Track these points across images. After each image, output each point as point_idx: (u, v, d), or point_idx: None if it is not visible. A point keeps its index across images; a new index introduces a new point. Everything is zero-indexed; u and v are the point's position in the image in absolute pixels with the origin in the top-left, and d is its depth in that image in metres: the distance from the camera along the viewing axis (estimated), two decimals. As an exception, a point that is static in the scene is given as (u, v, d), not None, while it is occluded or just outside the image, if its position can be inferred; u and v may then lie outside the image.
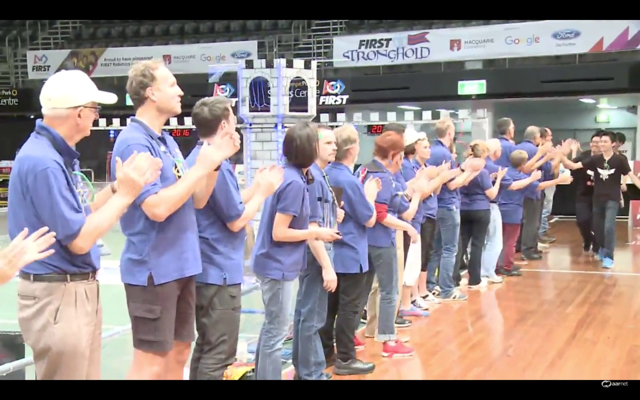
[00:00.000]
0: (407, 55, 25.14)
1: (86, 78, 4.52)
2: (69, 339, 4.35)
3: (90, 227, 4.29)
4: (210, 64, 19.99)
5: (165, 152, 5.03)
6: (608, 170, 13.47)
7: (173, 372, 5.48)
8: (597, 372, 7.62)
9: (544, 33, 23.51)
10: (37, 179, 4.22)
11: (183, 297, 5.26)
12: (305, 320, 6.94)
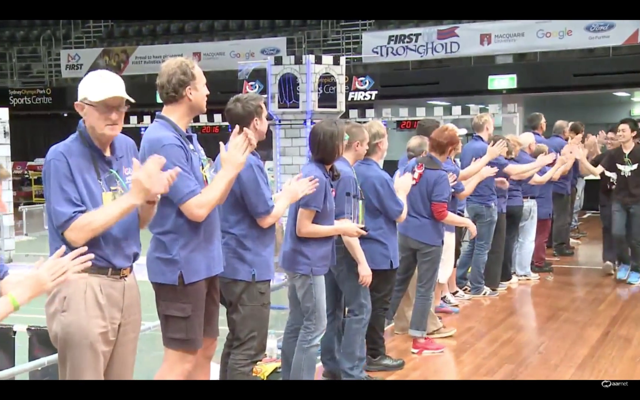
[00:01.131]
0: (437, 50, 25.01)
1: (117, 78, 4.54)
2: (73, 329, 4.40)
3: (83, 222, 4.30)
4: (239, 61, 19.97)
5: (193, 150, 5.05)
6: (630, 166, 11.18)
7: (201, 367, 5.53)
8: (632, 370, 7.61)
9: (576, 26, 23.26)
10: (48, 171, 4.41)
11: (209, 294, 5.28)
12: (356, 314, 6.96)
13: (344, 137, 6.51)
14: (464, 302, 10.27)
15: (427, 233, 7.88)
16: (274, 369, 7.32)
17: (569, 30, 23.39)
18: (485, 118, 10.85)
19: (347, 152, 6.92)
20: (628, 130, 11.30)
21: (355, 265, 6.84)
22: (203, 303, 5.19)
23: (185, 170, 4.80)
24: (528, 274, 11.99)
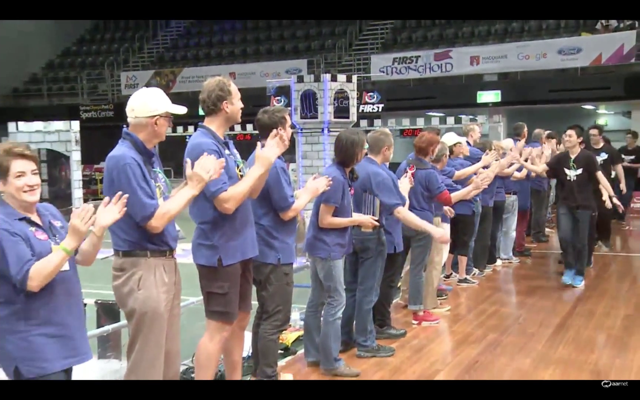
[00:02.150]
0: (434, 69, 24.96)
1: (162, 93, 4.66)
2: (150, 303, 4.50)
3: (162, 211, 4.43)
4: (268, 80, 20.06)
5: (229, 154, 5.09)
6: (575, 171, 9.75)
7: (236, 336, 5.56)
8: (594, 338, 7.64)
9: (550, 50, 23.43)
10: (119, 172, 4.39)
11: (243, 275, 5.31)
12: (366, 295, 6.92)
13: (364, 145, 6.54)
14: (455, 282, 10.21)
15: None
16: (296, 337, 7.33)
17: (545, 53, 23.43)
18: (471, 126, 11.15)
19: (376, 156, 7.07)
20: (574, 136, 9.92)
21: (371, 257, 6.85)
22: (238, 282, 5.23)
23: None
24: (510, 257, 11.93)
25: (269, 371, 5.85)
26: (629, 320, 8.32)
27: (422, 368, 6.68)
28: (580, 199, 9.75)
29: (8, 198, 3.82)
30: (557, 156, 10.71)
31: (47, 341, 3.80)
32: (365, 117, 17.07)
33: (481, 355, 7.08)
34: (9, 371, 3.79)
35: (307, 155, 14.81)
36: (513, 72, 24.22)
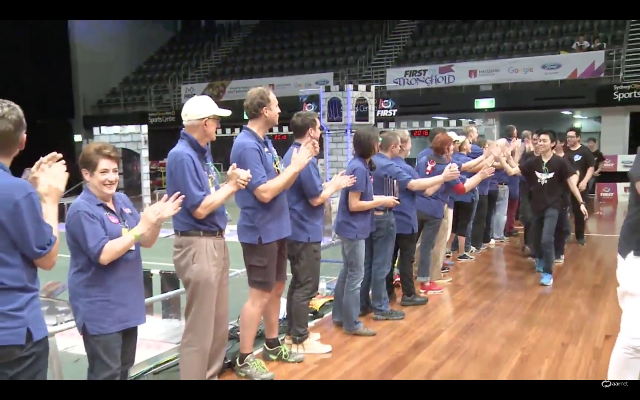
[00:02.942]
0: (439, 81, 24.95)
1: (209, 99, 4.71)
2: (202, 274, 4.57)
3: (207, 202, 4.51)
4: (301, 89, 20.06)
5: (267, 152, 5.13)
6: (547, 174, 8.59)
7: (273, 302, 5.60)
8: (570, 303, 7.56)
9: (535, 65, 23.41)
10: (176, 166, 4.48)
11: (279, 251, 5.33)
12: (379, 267, 6.88)
13: (378, 139, 6.57)
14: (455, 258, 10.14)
15: (432, 209, 7.77)
16: (323, 303, 7.33)
17: (531, 68, 23.40)
18: (470, 128, 10.92)
19: (385, 152, 7.08)
20: (548, 141, 8.60)
21: (383, 236, 6.80)
22: (275, 257, 5.26)
23: (257, 166, 4.91)
24: (502, 237, 11.80)
25: (301, 330, 5.88)
26: (597, 288, 8.27)
27: (427, 329, 6.64)
28: (550, 201, 8.49)
29: (91, 187, 3.88)
30: (529, 160, 9.25)
31: (107, 307, 3.84)
32: (381, 121, 16.95)
33: (476, 318, 7.04)
34: (79, 327, 3.87)
35: (333, 152, 14.95)
36: (505, 83, 24.12)
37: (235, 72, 32.27)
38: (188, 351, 4.67)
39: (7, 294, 3.02)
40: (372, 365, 5.62)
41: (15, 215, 2.98)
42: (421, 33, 30.14)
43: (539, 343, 6.15)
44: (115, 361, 3.93)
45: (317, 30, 33.52)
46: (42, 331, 3.16)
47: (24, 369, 3.07)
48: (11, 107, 3.10)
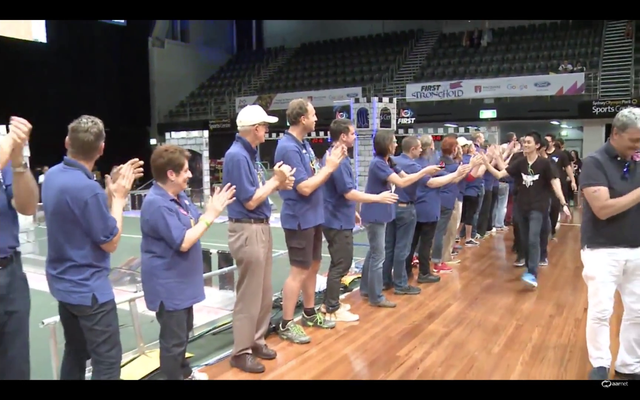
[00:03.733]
0: (449, 94, 24.84)
1: (260, 108, 4.68)
2: (253, 254, 4.54)
3: (257, 195, 4.47)
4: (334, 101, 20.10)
5: (305, 153, 5.08)
6: (532, 176, 7.31)
7: (310, 278, 5.57)
8: (557, 280, 7.42)
9: (529, 83, 23.32)
10: (233, 165, 4.46)
11: (316, 235, 5.30)
12: (401, 250, 6.79)
13: (392, 140, 6.41)
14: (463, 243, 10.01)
15: (445, 201, 7.66)
16: (352, 280, 7.29)
17: (526, 85, 23.32)
18: (477, 134, 10.71)
19: (407, 152, 6.96)
20: (532, 142, 7.35)
21: (405, 224, 6.70)
22: (312, 240, 5.21)
23: (298, 166, 4.86)
24: (502, 226, 11.56)
25: (333, 302, 5.87)
26: (579, 270, 7.81)
27: (439, 302, 6.56)
28: (535, 203, 7.17)
29: (171, 185, 3.82)
30: (516, 162, 7.66)
31: (181, 286, 3.84)
32: (402, 127, 16.88)
33: (480, 293, 6.94)
34: (155, 305, 3.84)
35: (361, 153, 14.97)
36: (504, 97, 23.98)
37: (280, 86, 32.32)
38: (239, 317, 4.66)
39: (78, 269, 3.19)
40: (392, 331, 5.57)
41: (85, 211, 3.09)
42: (435, 55, 29.99)
43: (531, 314, 6.05)
44: (183, 331, 3.98)
45: (348, 52, 33.49)
46: (106, 296, 3.29)
47: (96, 323, 3.25)
48: (94, 122, 3.24)
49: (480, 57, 27.81)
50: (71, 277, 3.19)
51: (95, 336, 3.26)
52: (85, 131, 3.19)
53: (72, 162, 3.17)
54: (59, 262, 3.20)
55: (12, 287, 2.83)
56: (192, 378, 4.39)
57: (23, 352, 2.91)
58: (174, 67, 34.48)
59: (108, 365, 3.28)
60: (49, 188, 3.21)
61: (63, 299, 3.26)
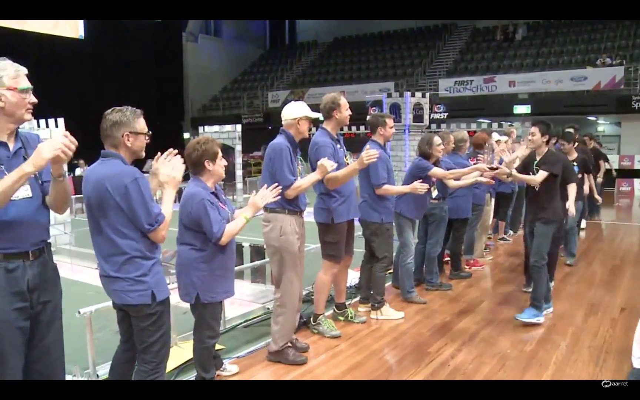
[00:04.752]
0: (483, 89, 24.48)
1: (303, 104, 4.73)
2: (287, 245, 4.57)
3: (296, 185, 4.50)
4: (367, 96, 19.98)
5: (339, 147, 5.06)
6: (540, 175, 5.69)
7: (342, 272, 5.57)
8: (592, 280, 7.25)
9: (565, 78, 22.75)
10: (276, 154, 4.50)
11: (348, 230, 5.28)
12: (433, 247, 6.75)
13: (434, 144, 6.29)
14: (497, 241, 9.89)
15: (476, 197, 7.57)
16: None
17: (561, 80, 22.77)
18: (511, 129, 10.40)
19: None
20: (538, 134, 5.76)
21: (436, 220, 6.64)
22: (344, 235, 5.20)
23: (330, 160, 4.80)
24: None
25: (379, 298, 5.83)
26: (616, 268, 7.95)
27: (470, 299, 6.50)
28: (541, 212, 5.68)
29: (209, 175, 3.85)
30: (523, 161, 6.09)
31: (217, 279, 3.88)
32: (434, 122, 16.69)
33: (512, 291, 6.84)
34: (192, 296, 3.87)
35: (394, 148, 14.81)
36: (539, 92, 23.52)
37: (313, 81, 32.29)
38: (282, 311, 4.65)
39: (132, 263, 3.09)
40: (423, 327, 5.54)
41: (125, 196, 3.02)
42: (468, 49, 29.63)
43: (565, 313, 5.93)
44: (217, 324, 4.04)
45: (380, 47, 33.31)
46: (164, 293, 3.21)
47: (151, 323, 3.17)
48: (115, 109, 3.19)
49: (514, 52, 27.38)
50: (127, 274, 3.09)
51: (148, 336, 3.18)
52: (105, 118, 3.15)
53: (108, 152, 3.16)
54: (111, 258, 3.11)
55: (45, 278, 2.86)
56: (224, 369, 4.43)
57: (58, 340, 2.96)
58: (207, 61, 34.76)
59: (155, 365, 3.22)
60: (88, 183, 3.16)
61: (121, 300, 3.16)
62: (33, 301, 2.80)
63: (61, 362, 3.01)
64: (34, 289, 2.79)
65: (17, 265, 2.73)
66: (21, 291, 2.74)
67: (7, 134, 2.77)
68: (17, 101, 2.73)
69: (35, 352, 2.86)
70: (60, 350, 2.98)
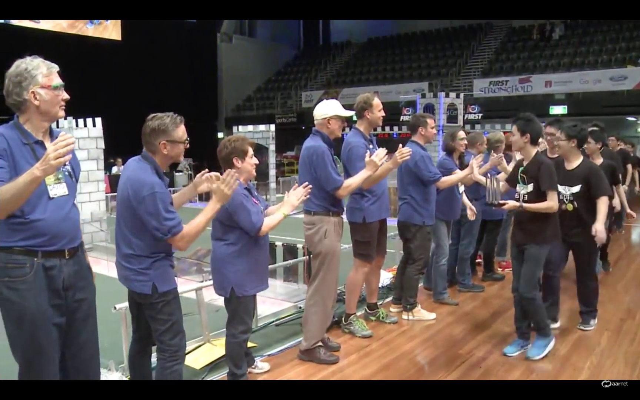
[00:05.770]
0: (518, 90, 24.21)
1: (335, 102, 4.71)
2: (331, 247, 4.60)
3: (347, 184, 4.56)
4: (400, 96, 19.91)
5: (372, 147, 5.04)
6: (524, 186, 4.68)
7: (374, 272, 5.56)
8: (628, 286, 7.10)
9: (604, 77, 22.33)
10: (318, 157, 4.49)
11: (380, 230, 5.26)
12: (465, 248, 6.72)
13: (458, 137, 6.34)
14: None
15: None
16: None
17: (600, 80, 22.36)
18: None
19: (472, 149, 6.80)
20: (517, 134, 4.68)
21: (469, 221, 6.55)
22: (376, 234, 5.19)
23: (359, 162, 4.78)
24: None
25: (411, 300, 5.80)
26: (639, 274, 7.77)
27: (503, 301, 6.41)
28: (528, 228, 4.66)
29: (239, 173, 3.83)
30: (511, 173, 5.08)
31: (250, 273, 3.92)
32: (468, 123, 16.55)
33: (547, 294, 6.71)
34: (227, 291, 3.91)
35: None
36: (576, 92, 23.11)
37: (347, 81, 32.29)
38: (314, 311, 4.67)
39: (138, 258, 3.22)
40: (455, 328, 5.50)
41: (141, 205, 3.12)
42: (504, 49, 29.26)
43: (600, 317, 5.76)
44: (250, 318, 4.08)
45: (415, 47, 33.14)
46: (166, 285, 3.28)
47: (158, 311, 3.28)
48: (155, 116, 3.26)
49: (551, 51, 26.93)
50: (132, 265, 3.23)
51: (159, 324, 3.30)
52: (146, 122, 3.25)
53: (145, 155, 3.25)
54: (123, 247, 3.27)
55: (80, 276, 2.92)
56: (255, 367, 4.48)
57: (93, 336, 3.03)
58: (242, 61, 35.05)
59: (171, 353, 3.32)
60: (122, 176, 3.32)
61: (127, 285, 3.33)
62: (68, 299, 2.87)
63: (96, 358, 3.08)
64: (69, 287, 2.86)
65: (54, 263, 2.79)
66: (57, 289, 2.81)
67: (42, 133, 2.82)
68: (51, 99, 2.78)
69: (71, 348, 2.93)
70: (95, 346, 3.06)
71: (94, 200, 10.25)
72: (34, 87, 2.73)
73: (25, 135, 2.74)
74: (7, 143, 2.66)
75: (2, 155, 2.62)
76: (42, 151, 2.72)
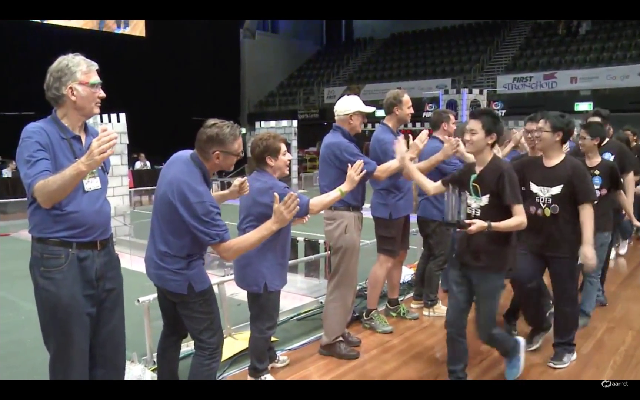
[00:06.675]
0: (543, 86, 23.95)
1: (356, 98, 4.67)
2: (351, 242, 4.60)
3: (385, 167, 4.60)
4: (423, 92, 19.85)
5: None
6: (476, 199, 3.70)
7: (396, 267, 5.55)
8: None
9: (632, 72, 22.00)
10: (343, 150, 4.46)
11: (404, 226, 5.27)
12: None
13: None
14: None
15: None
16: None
17: (628, 75, 22.06)
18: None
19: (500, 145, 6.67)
20: (480, 132, 3.66)
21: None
22: (401, 230, 5.20)
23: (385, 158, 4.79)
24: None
25: (432, 296, 5.79)
26: None
27: (526, 298, 6.35)
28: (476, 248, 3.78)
29: (271, 170, 3.90)
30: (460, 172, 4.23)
31: (280, 268, 3.94)
32: (491, 120, 16.54)
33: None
34: (260, 286, 3.88)
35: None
36: (602, 88, 22.77)
37: (369, 77, 32.25)
38: (334, 306, 4.69)
39: (173, 258, 3.21)
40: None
41: (187, 210, 3.10)
42: (528, 45, 28.93)
43: (624, 317, 5.73)
44: (276, 312, 4.09)
45: (437, 43, 32.95)
46: (202, 285, 3.28)
47: (195, 310, 3.28)
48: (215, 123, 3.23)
49: (577, 46, 26.55)
50: (167, 264, 3.21)
51: (196, 324, 3.30)
52: (204, 128, 3.21)
53: (195, 158, 3.22)
54: (159, 244, 3.25)
55: (110, 266, 2.99)
56: (277, 361, 4.51)
57: (120, 326, 3.10)
58: (264, 57, 35.21)
59: (211, 350, 3.32)
60: (165, 173, 3.27)
61: (161, 284, 3.31)
62: (99, 289, 2.94)
63: (123, 347, 3.15)
64: (101, 278, 2.93)
65: (88, 254, 2.86)
66: (90, 279, 2.88)
67: (78, 127, 2.90)
68: (88, 95, 2.85)
69: (99, 337, 3.00)
70: (122, 335, 3.13)
71: (118, 194, 10.38)
72: (72, 83, 2.82)
73: (63, 130, 2.83)
74: (48, 138, 2.74)
75: (46, 149, 2.71)
76: (79, 146, 2.85)
